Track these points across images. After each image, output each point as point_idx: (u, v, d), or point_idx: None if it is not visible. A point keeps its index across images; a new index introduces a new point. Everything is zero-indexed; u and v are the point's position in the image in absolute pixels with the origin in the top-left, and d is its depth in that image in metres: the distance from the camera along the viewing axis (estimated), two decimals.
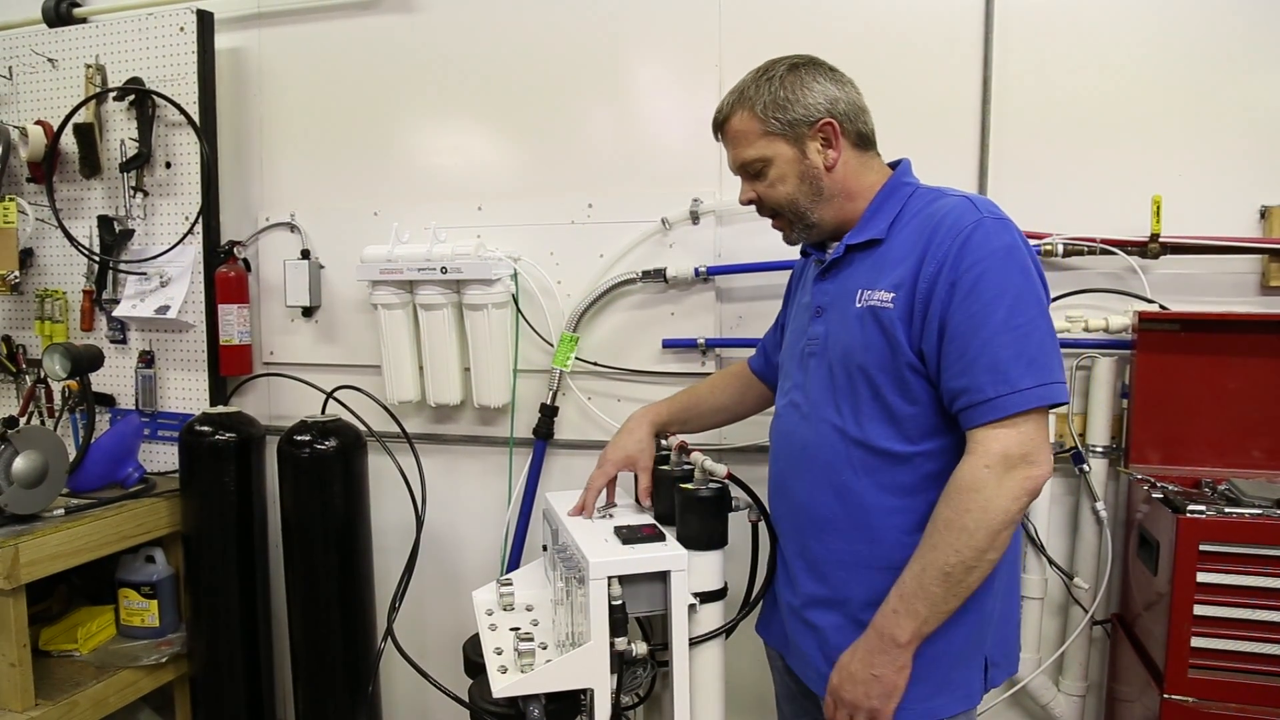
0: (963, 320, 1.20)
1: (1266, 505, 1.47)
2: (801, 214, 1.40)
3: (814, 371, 1.39)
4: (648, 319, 2.16)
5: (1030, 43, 1.90)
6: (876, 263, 1.33)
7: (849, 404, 1.33)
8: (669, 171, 2.13)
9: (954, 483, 1.21)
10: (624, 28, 2.14)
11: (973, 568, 1.19)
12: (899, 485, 1.30)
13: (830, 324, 1.38)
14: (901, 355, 1.26)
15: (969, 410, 1.20)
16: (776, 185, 1.39)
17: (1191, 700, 1.46)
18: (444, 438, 2.36)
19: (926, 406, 1.27)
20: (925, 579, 1.21)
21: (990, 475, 1.17)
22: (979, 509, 1.17)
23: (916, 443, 1.29)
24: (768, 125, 1.36)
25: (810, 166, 1.37)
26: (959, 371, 1.21)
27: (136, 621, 2.20)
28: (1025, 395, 1.17)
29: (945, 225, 1.24)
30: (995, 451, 1.17)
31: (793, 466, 1.43)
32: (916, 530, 1.27)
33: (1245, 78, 1.80)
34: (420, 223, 2.19)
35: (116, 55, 2.36)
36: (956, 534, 1.18)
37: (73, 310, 2.48)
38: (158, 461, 2.45)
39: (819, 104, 1.35)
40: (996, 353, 1.18)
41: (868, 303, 1.30)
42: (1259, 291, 1.83)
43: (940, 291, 1.22)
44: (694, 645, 1.44)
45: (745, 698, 2.11)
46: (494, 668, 1.38)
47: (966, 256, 1.21)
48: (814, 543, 1.39)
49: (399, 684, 2.45)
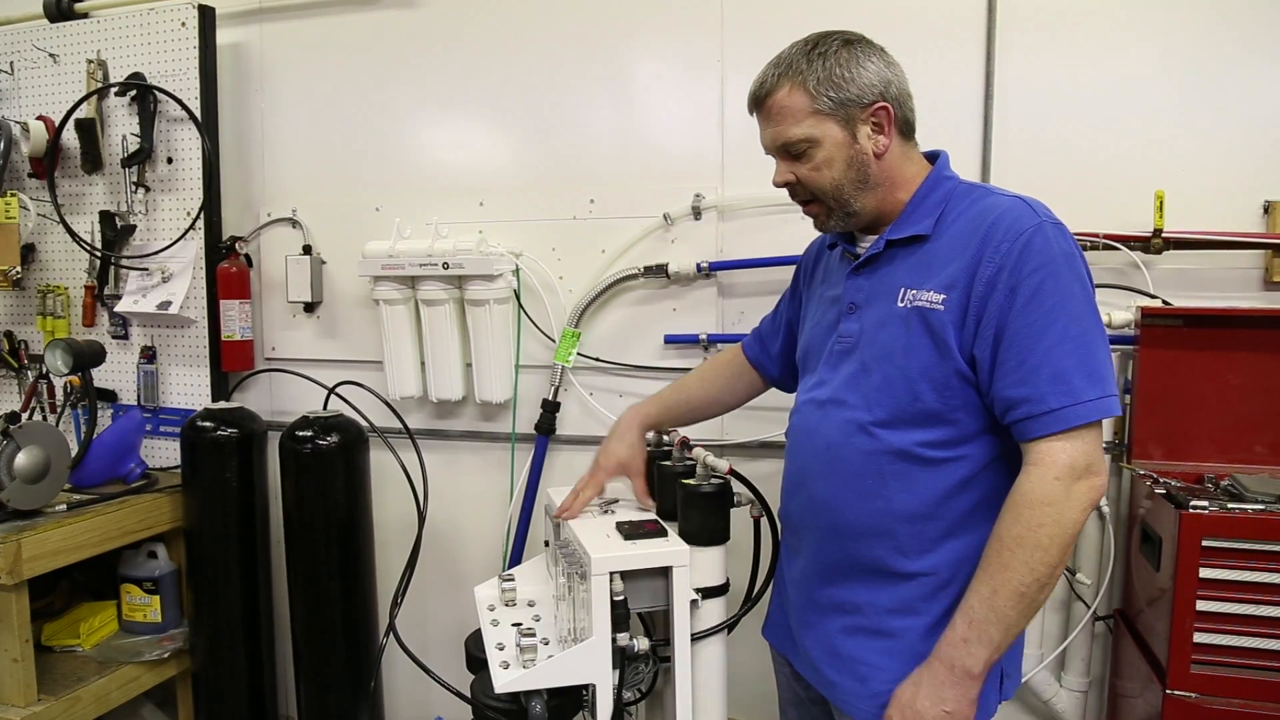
0: (1023, 327, 1.15)
1: (1269, 501, 1.47)
2: (844, 202, 1.30)
3: (844, 369, 1.32)
4: (650, 314, 2.16)
5: (1033, 37, 1.89)
6: (922, 260, 1.26)
7: (882, 405, 1.26)
8: (671, 167, 2.12)
9: (1022, 497, 1.15)
10: (626, 22, 2.13)
11: (1045, 584, 1.14)
12: (928, 490, 1.24)
13: (866, 322, 1.30)
14: (950, 360, 1.20)
15: (1029, 421, 1.15)
16: (822, 169, 1.28)
17: (1194, 696, 1.46)
18: (446, 433, 2.36)
19: (966, 411, 1.22)
20: (998, 602, 1.14)
21: (1060, 487, 1.13)
22: (1053, 523, 1.12)
23: (950, 448, 1.24)
24: (818, 103, 1.25)
25: (859, 152, 1.27)
26: (1018, 380, 1.15)
27: (139, 617, 2.21)
28: (1088, 407, 1.13)
29: (1003, 226, 1.18)
30: (1063, 463, 1.13)
31: (814, 466, 1.35)
32: (944, 538, 1.24)
33: (1248, 72, 1.80)
34: (422, 218, 2.18)
35: (118, 50, 2.35)
36: (1030, 551, 1.12)
37: (74, 306, 2.48)
38: (160, 457, 2.45)
39: (874, 85, 1.26)
40: (1059, 362, 1.13)
41: (914, 303, 1.23)
42: (1262, 286, 1.82)
43: (999, 295, 1.16)
44: (696, 641, 1.44)
45: (747, 693, 2.11)
46: (496, 663, 1.38)
47: (1029, 260, 1.15)
48: (832, 545, 1.33)
49: (401, 679, 2.45)
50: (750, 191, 2.05)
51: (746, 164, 2.06)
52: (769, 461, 2.09)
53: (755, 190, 2.04)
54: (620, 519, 1.52)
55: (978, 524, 1.23)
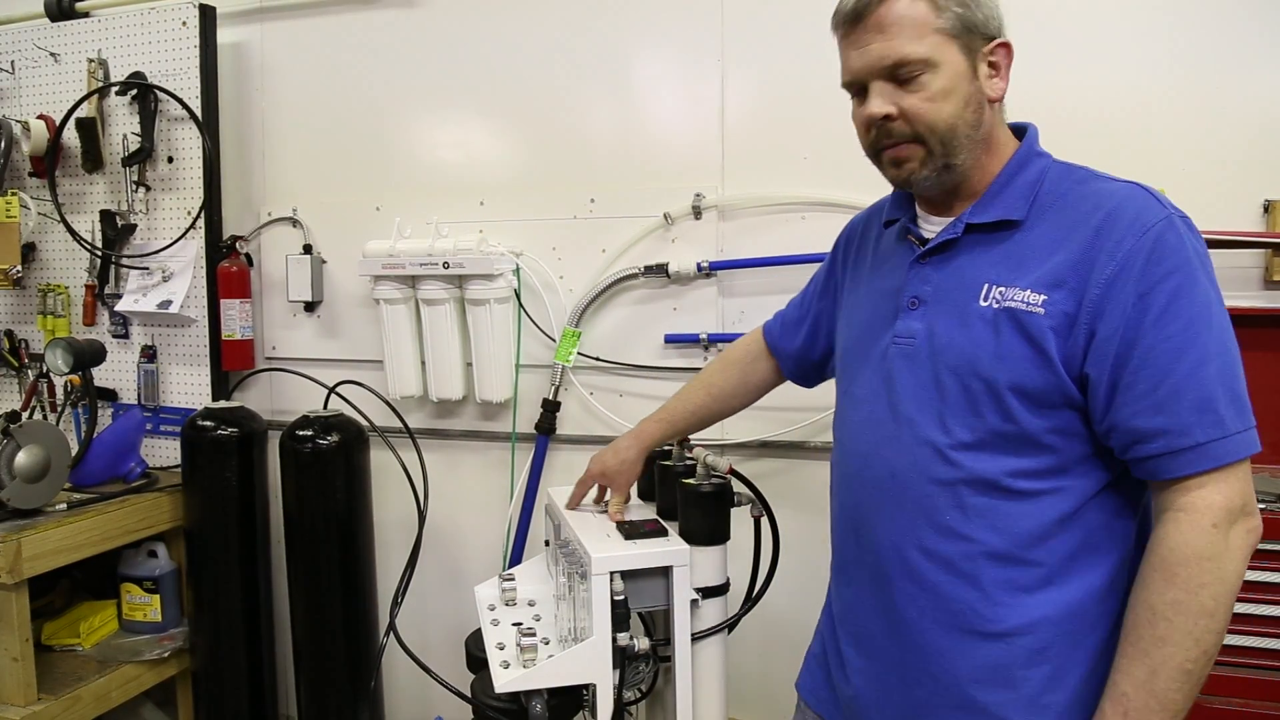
0: (1157, 343, 0.95)
1: (1271, 500, 1.47)
2: (954, 147, 1.05)
3: (906, 378, 1.11)
4: (650, 314, 2.16)
5: (1031, 37, 1.89)
6: (1011, 251, 1.05)
7: (963, 424, 1.05)
8: (671, 166, 2.12)
9: (1172, 553, 0.95)
10: (626, 20, 2.13)
11: (1213, 657, 0.94)
12: (1020, 531, 1.03)
13: (936, 321, 1.09)
14: (1052, 374, 1.00)
15: (1168, 457, 0.96)
16: (939, 101, 1.03)
17: (1197, 695, 1.46)
18: (446, 433, 2.36)
19: (1067, 436, 1.02)
20: (1159, 685, 0.94)
21: (1219, 536, 0.94)
22: (1217, 581, 0.93)
23: (1049, 478, 1.03)
24: (944, 17, 1.02)
25: (978, 89, 1.05)
26: (1151, 407, 0.96)
27: (139, 616, 2.21)
28: (1237, 441, 0.95)
29: (1125, 217, 0.99)
30: (1219, 507, 0.94)
31: (875, 499, 1.14)
32: (1035, 589, 1.03)
33: (1249, 70, 1.79)
34: (422, 218, 2.18)
35: (119, 50, 2.35)
36: (1194, 618, 0.93)
37: (75, 305, 2.48)
38: (160, 456, 2.45)
39: (997, 17, 1.06)
40: (1205, 388, 0.95)
41: (1005, 304, 1.03)
42: (1262, 286, 1.82)
43: (1123, 302, 0.96)
44: (696, 640, 1.44)
45: (747, 693, 2.11)
46: (496, 663, 1.38)
47: (1161, 262, 0.96)
48: (905, 598, 1.10)
49: (401, 679, 2.45)
50: (751, 191, 2.05)
51: (747, 163, 2.06)
52: (769, 461, 2.09)
53: (756, 189, 2.04)
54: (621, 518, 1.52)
55: (1081, 572, 1.04)
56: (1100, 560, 1.03)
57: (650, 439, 1.57)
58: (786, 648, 1.98)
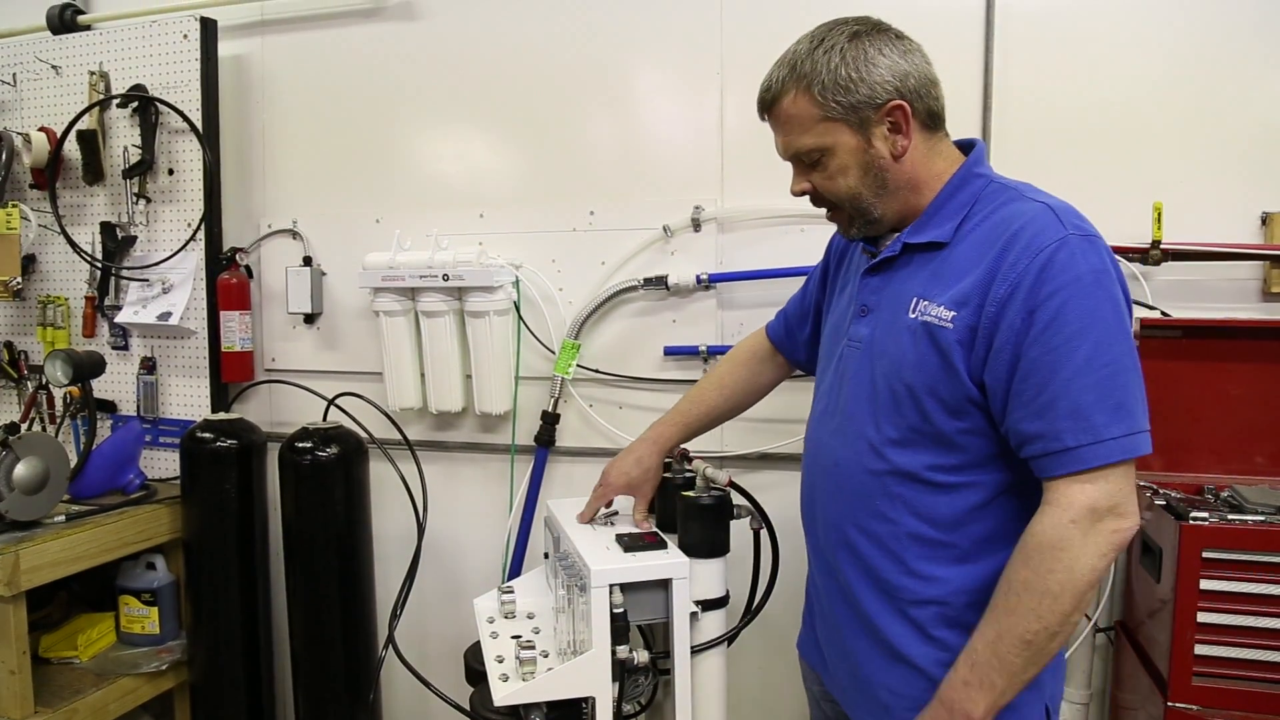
0: (1040, 355, 1.05)
1: (1270, 512, 1.47)
2: (864, 209, 1.22)
3: (852, 378, 1.25)
4: (649, 326, 2.16)
5: (1031, 49, 1.90)
6: (938, 269, 1.17)
7: (891, 422, 1.19)
8: (671, 179, 2.13)
9: (1033, 540, 1.07)
10: (626, 35, 2.14)
11: (1056, 634, 1.06)
12: (939, 517, 1.18)
13: (877, 329, 1.23)
14: (958, 384, 1.12)
15: (1045, 459, 1.07)
16: (836, 178, 1.20)
17: (1196, 708, 1.45)
18: (445, 445, 2.36)
19: (977, 435, 1.15)
20: (1002, 648, 1.07)
21: (1075, 531, 1.04)
22: (1064, 570, 1.04)
23: (964, 473, 1.16)
24: (827, 109, 1.16)
25: (875, 156, 1.18)
26: (1033, 414, 1.07)
27: (137, 629, 2.20)
28: (1110, 446, 1.03)
29: (1022, 240, 1.08)
30: (1080, 504, 1.04)
31: (823, 482, 1.31)
32: (954, 563, 1.18)
33: (1246, 82, 1.80)
34: (422, 230, 2.19)
35: (120, 62, 2.36)
36: (1038, 598, 1.05)
37: (75, 316, 2.48)
38: (159, 468, 2.45)
39: (887, 82, 1.15)
40: (1079, 396, 1.04)
41: (923, 316, 1.15)
42: (1260, 298, 1.83)
43: (1013, 319, 1.07)
44: (696, 653, 1.44)
45: (747, 706, 2.11)
46: (495, 676, 1.38)
47: (1048, 282, 1.05)
48: (846, 566, 1.27)
49: (400, 692, 2.44)
50: (750, 203, 2.05)
51: (746, 176, 2.06)
52: (769, 473, 2.09)
53: (755, 202, 2.05)
54: (620, 531, 1.52)
55: (994, 552, 1.16)
56: (1009, 545, 1.12)
57: (669, 442, 1.61)
58: (786, 660, 1.97)
